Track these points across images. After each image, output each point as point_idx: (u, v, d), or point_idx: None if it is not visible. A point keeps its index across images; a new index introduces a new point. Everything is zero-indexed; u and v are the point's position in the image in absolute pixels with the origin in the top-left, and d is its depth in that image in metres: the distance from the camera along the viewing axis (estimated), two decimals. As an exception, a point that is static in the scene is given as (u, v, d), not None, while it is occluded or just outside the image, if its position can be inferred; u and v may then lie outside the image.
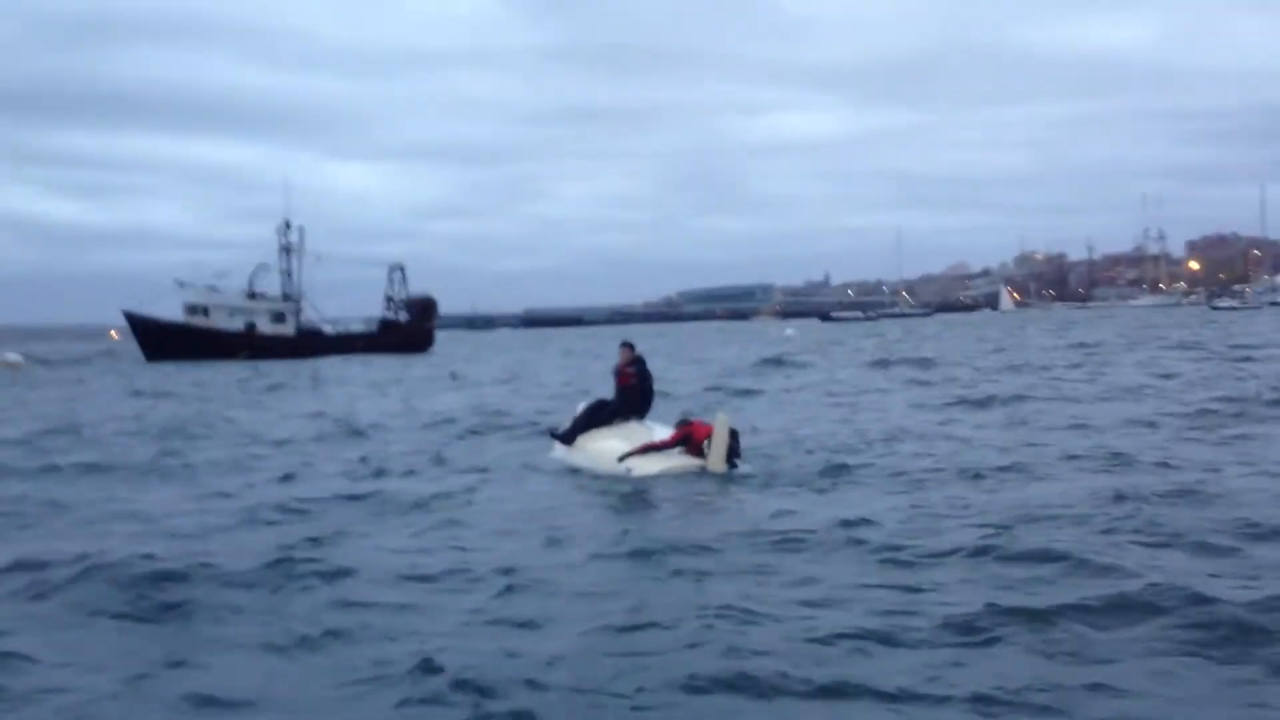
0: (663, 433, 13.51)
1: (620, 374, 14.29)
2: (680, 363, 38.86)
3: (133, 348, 65.60)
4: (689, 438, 12.86)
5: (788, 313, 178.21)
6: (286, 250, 71.48)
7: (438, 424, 19.33)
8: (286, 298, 70.58)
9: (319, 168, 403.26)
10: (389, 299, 75.38)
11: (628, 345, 14.51)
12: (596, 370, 33.04)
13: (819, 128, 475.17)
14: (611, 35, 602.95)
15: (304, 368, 48.90)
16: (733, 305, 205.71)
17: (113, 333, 71.50)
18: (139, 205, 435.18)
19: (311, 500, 11.29)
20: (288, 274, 71.13)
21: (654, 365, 15.21)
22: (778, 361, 36.62)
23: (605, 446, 13.62)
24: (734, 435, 12.78)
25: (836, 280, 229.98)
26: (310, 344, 67.03)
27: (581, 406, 14.77)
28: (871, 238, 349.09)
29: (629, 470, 12.70)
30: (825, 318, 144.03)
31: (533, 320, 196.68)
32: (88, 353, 74.55)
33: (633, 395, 14.07)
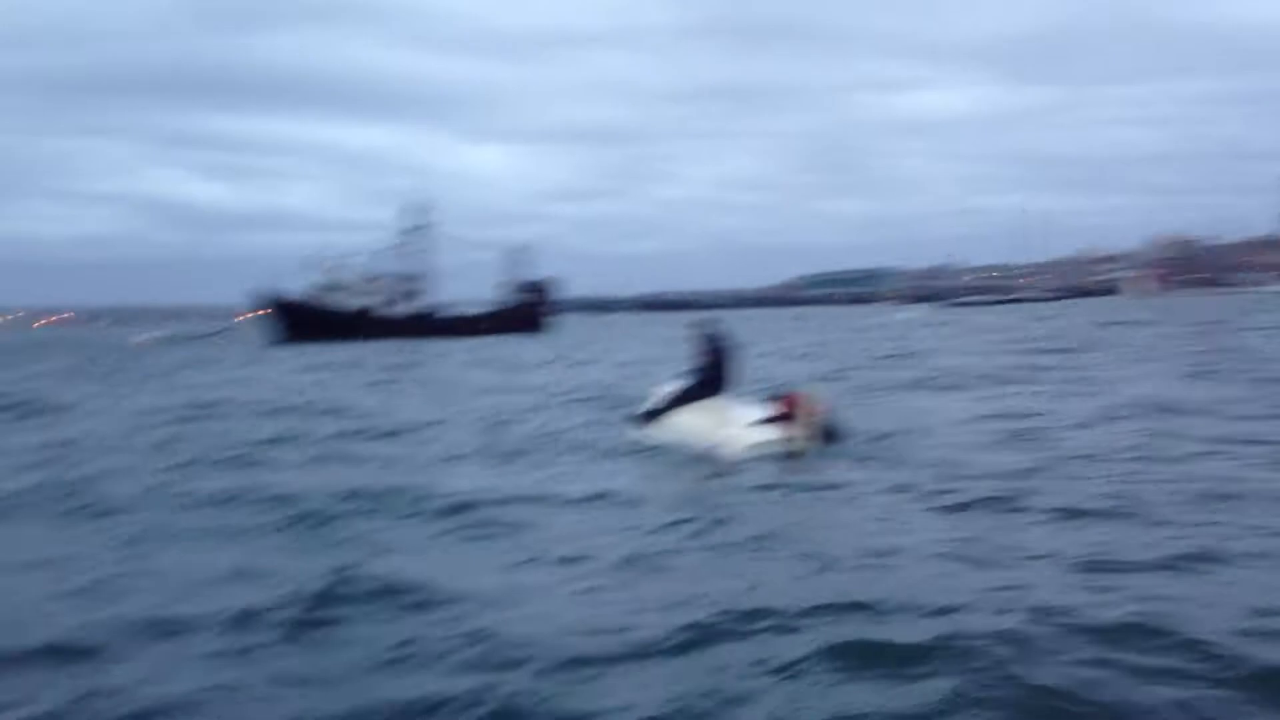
0: (751, 410, 13.57)
1: (701, 354, 14.33)
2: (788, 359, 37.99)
3: (260, 329, 67.83)
4: (783, 411, 12.90)
5: (910, 297, 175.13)
6: (411, 232, 73.23)
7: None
8: (409, 279, 72.32)
9: (453, 150, 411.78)
10: (508, 282, 76.63)
11: (704, 325, 14.49)
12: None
13: (954, 105, 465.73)
14: (749, 11, 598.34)
15: (434, 348, 49.79)
16: (854, 289, 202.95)
17: (249, 313, 73.79)
18: (279, 188, 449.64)
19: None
20: (411, 256, 72.89)
21: (757, 353, 15.22)
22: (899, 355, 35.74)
23: (692, 423, 13.75)
24: (829, 414, 12.78)
25: (963, 264, 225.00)
26: (430, 325, 68.49)
27: (666, 387, 14.88)
28: (1000, 220, 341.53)
29: (719, 446, 12.82)
30: (948, 302, 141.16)
31: (650, 304, 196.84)
32: (221, 332, 76.80)
33: (713, 374, 14.11)
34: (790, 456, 12.22)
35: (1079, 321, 55.42)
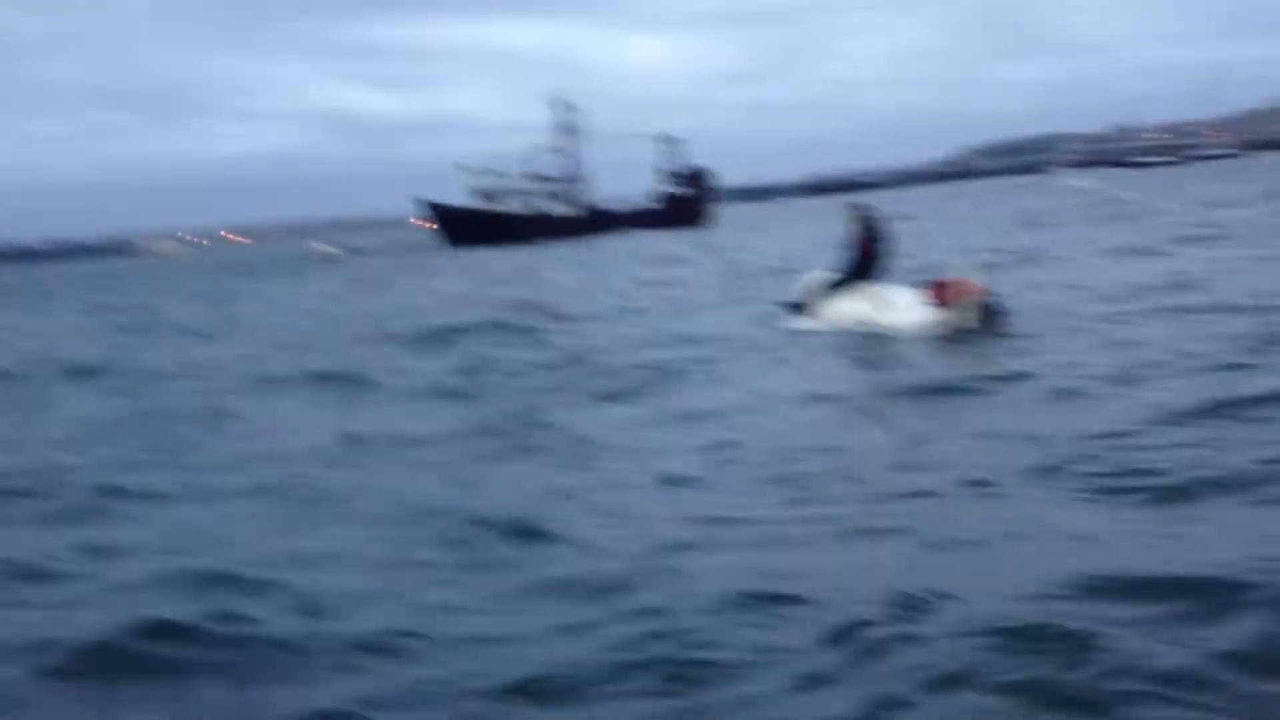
0: (905, 295, 13.66)
1: (854, 238, 14.38)
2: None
3: (432, 236, 69.56)
4: (940, 295, 12.95)
5: (1084, 162, 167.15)
6: (565, 130, 73.46)
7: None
8: (567, 179, 72.77)
9: (613, 43, 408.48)
10: (668, 173, 75.91)
11: (858, 208, 14.55)
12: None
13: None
14: None
15: (607, 244, 49.88)
16: (1027, 159, 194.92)
17: (422, 222, 75.40)
18: (441, 94, 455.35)
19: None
20: (567, 154, 73.22)
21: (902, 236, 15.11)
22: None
23: (849, 310, 13.92)
24: (990, 298, 12.73)
25: (1142, 124, 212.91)
26: (598, 222, 68.93)
27: (814, 274, 14.96)
28: (1182, 75, 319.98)
29: (877, 326, 13.06)
30: (1124, 165, 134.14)
31: (814, 187, 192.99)
32: (393, 242, 78.67)
33: (868, 259, 14.17)
34: (952, 339, 12.31)
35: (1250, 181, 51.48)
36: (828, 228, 17.48)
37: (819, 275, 14.78)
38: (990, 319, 12.48)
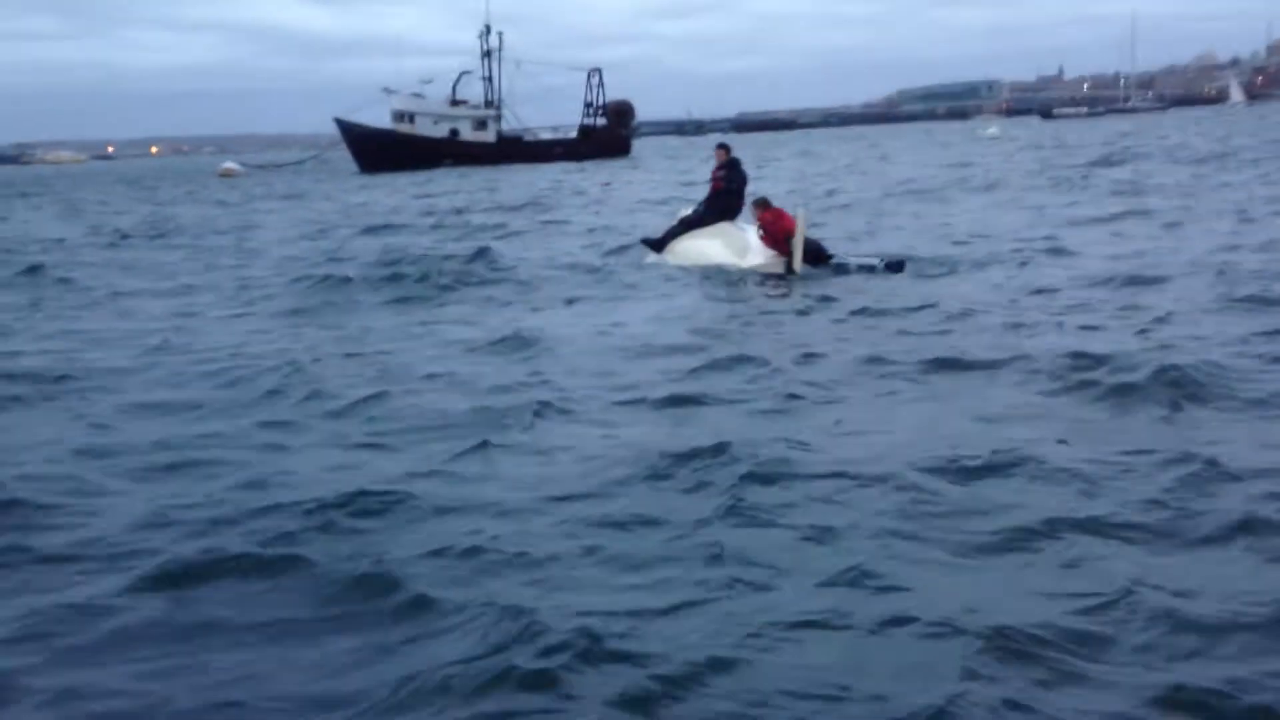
0: (753, 235, 13.66)
1: (713, 178, 14.35)
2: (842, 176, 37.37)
3: (344, 156, 68.35)
4: (774, 229, 13.11)
5: (1012, 111, 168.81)
6: (488, 56, 72.25)
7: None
8: (489, 105, 71.71)
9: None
10: (588, 105, 75.19)
11: (723, 148, 14.50)
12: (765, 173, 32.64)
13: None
14: None
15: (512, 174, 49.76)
16: (955, 104, 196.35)
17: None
18: (377, 11, 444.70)
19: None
20: (489, 80, 72.10)
21: (827, 174, 15.29)
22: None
23: (697, 247, 13.94)
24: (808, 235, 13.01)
25: (1070, 74, 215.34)
26: (510, 151, 68.22)
27: (684, 211, 14.99)
28: (1110, 27, 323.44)
29: (725, 266, 13.17)
30: (1047, 115, 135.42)
31: (744, 125, 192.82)
32: (294, 161, 77.19)
33: (723, 199, 14.15)
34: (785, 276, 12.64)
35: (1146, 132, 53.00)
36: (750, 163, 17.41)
37: (684, 211, 14.94)
38: (816, 257, 12.92)
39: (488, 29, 72.06)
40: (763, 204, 13.39)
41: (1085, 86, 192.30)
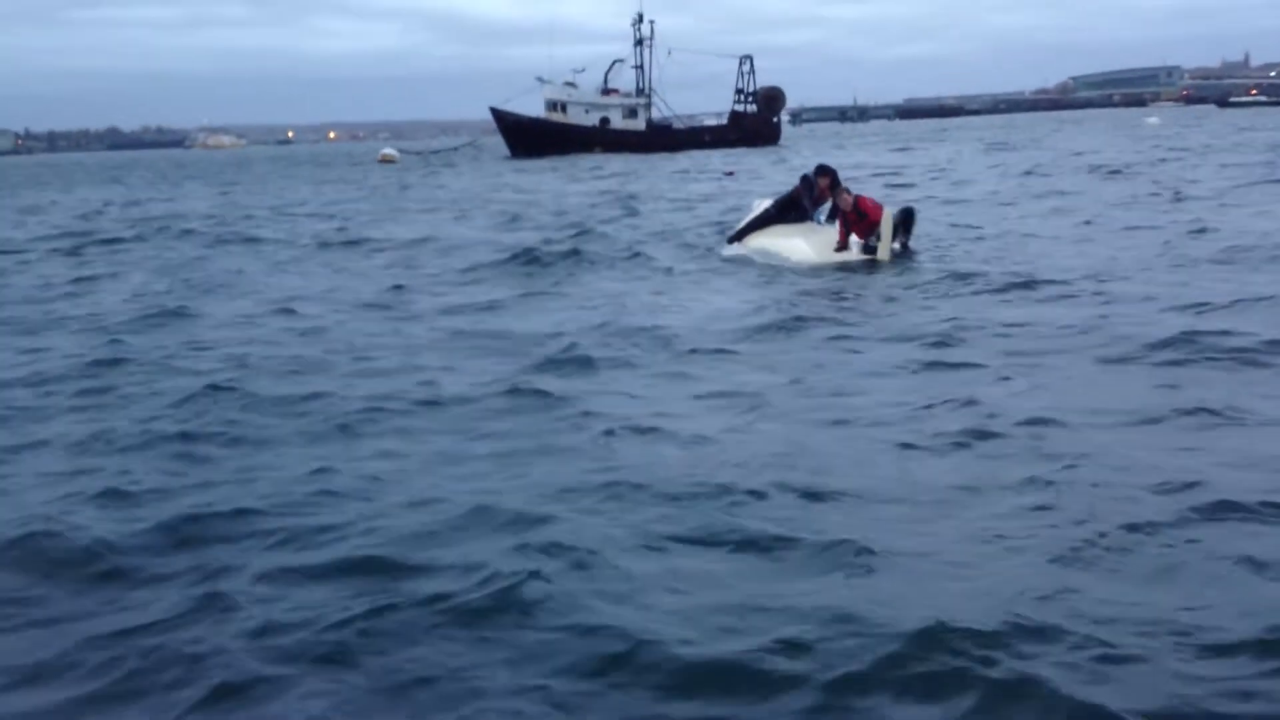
0: (829, 230, 13.89)
1: (803, 186, 14.47)
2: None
3: (499, 143, 70.37)
4: (862, 215, 13.24)
5: (1191, 99, 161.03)
6: (639, 44, 73.28)
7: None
8: (639, 93, 72.77)
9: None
10: (739, 91, 75.52)
11: (826, 174, 14.28)
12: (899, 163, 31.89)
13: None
14: None
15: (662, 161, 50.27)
16: (1132, 90, 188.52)
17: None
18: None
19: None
20: (640, 69, 73.15)
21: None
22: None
23: (775, 243, 14.21)
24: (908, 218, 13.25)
25: (1257, 61, 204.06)
26: (659, 139, 69.08)
27: (757, 208, 15.24)
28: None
29: (804, 262, 13.34)
30: (1223, 104, 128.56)
31: (909, 111, 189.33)
32: (452, 147, 78.83)
33: (800, 202, 14.40)
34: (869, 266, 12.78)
35: None
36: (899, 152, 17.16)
37: (762, 204, 15.16)
38: (903, 249, 13.05)
39: (640, 17, 73.15)
40: (828, 174, 13.72)
41: (1274, 74, 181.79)
